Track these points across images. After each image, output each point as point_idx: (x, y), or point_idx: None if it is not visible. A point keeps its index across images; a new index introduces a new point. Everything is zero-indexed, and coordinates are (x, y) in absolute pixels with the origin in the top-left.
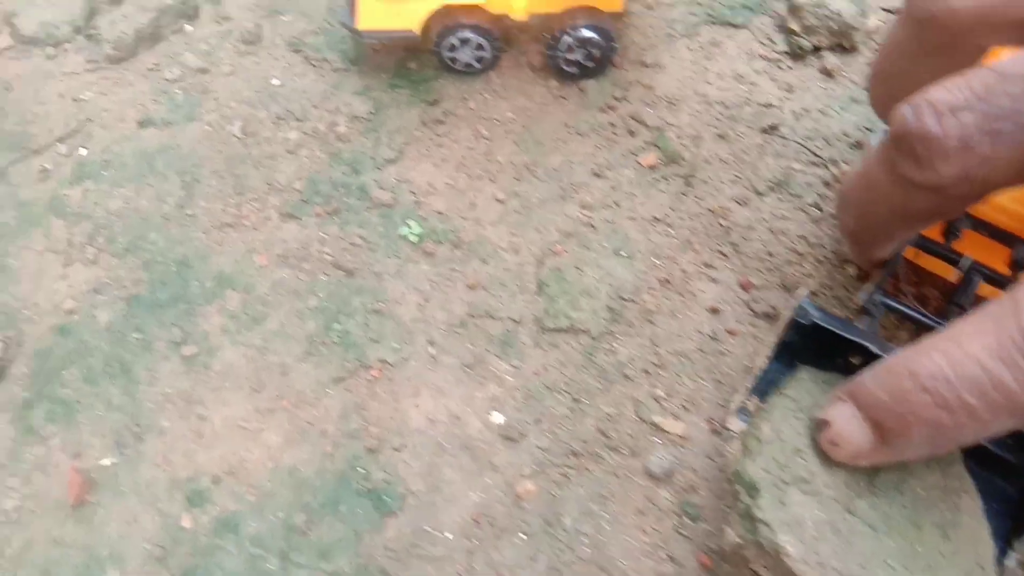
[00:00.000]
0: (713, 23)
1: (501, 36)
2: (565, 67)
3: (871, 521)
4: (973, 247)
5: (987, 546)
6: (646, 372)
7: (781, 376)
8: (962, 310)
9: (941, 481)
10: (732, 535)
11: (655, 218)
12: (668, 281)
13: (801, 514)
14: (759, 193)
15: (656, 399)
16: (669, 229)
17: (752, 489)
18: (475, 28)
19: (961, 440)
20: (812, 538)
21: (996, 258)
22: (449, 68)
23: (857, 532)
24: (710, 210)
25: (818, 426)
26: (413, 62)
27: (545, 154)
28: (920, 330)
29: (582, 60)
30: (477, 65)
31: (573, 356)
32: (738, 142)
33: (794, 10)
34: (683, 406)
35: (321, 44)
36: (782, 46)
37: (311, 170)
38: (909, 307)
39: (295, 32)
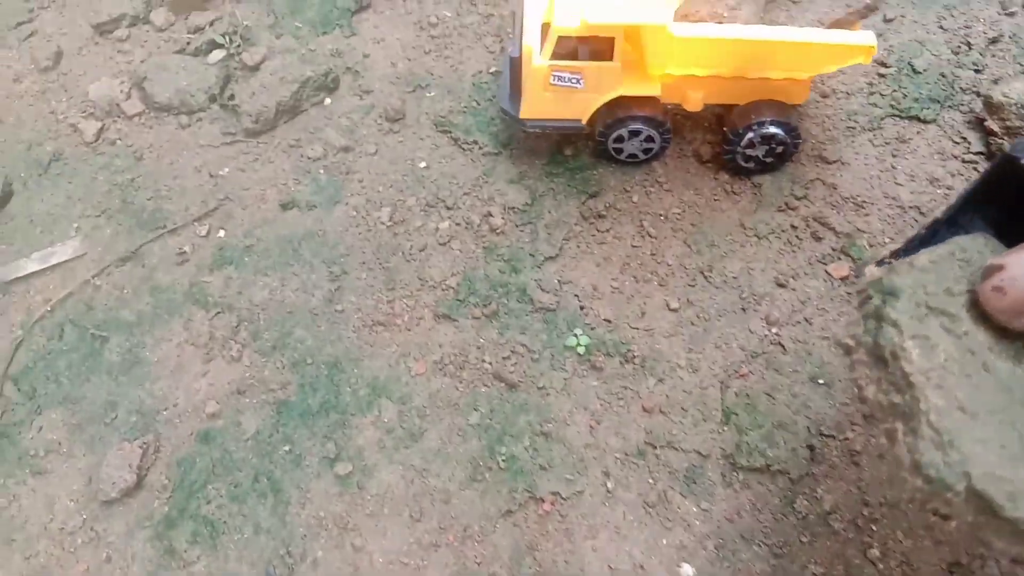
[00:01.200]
0: (897, 116)
1: (672, 125)
2: (743, 163)
3: (1008, 383)
4: None
5: None
6: (856, 525)
7: None
8: None
9: None
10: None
11: None
12: (874, 416)
13: (935, 340)
14: None
15: (871, 560)
16: None
17: (890, 295)
18: (647, 120)
19: None
20: (940, 364)
21: None
22: (610, 157)
23: (988, 385)
24: None
25: (987, 271)
26: (568, 147)
27: (720, 257)
28: None
29: (762, 156)
30: (642, 156)
31: (770, 500)
32: None
33: (993, 108)
34: (902, 569)
35: (469, 125)
36: (977, 146)
37: (466, 265)
38: None
39: (440, 110)
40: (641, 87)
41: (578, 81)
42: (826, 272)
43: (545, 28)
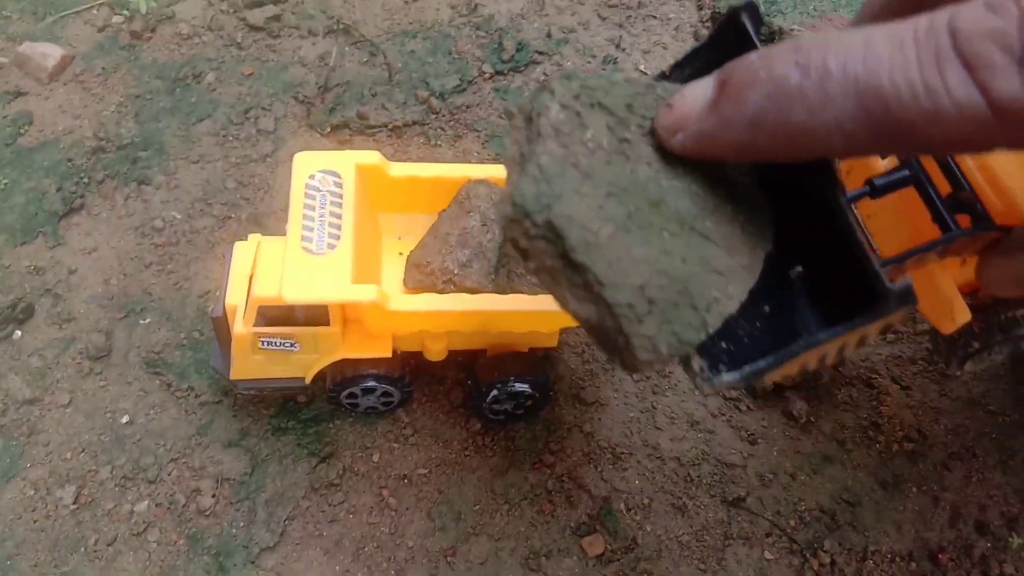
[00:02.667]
0: None
1: (412, 375)
2: (491, 415)
3: (647, 189)
4: None
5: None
6: None
7: None
8: None
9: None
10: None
11: None
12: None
13: (589, 122)
14: None
15: None
16: None
17: (566, 78)
18: (381, 377)
19: (786, 135)
20: (579, 138)
21: None
22: (347, 409)
23: (623, 175)
24: None
25: (669, 98)
26: (303, 393)
27: (466, 536)
28: None
29: (512, 409)
30: (383, 408)
31: None
32: (698, 516)
33: None
34: None
35: (187, 365)
36: None
37: (163, 564)
38: None
39: (155, 343)
40: (368, 349)
41: (293, 345)
42: (580, 548)
43: (252, 282)
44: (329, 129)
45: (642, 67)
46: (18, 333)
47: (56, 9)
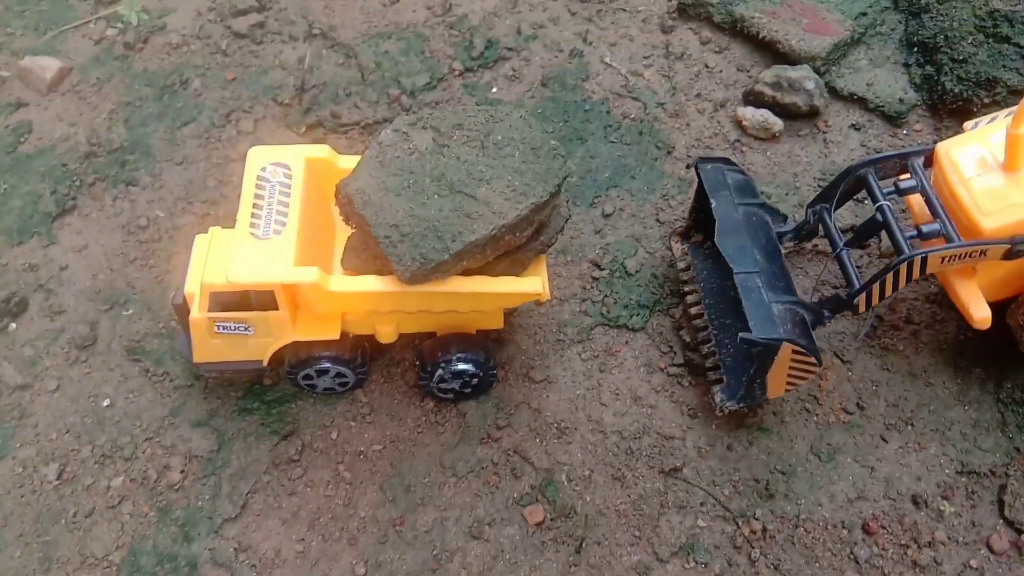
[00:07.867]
0: (607, 325)
1: (366, 357)
2: (440, 394)
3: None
4: None
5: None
6: None
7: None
8: None
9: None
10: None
11: None
12: None
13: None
14: (661, 560)
15: None
16: None
17: None
18: (334, 359)
19: None
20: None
21: None
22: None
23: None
24: None
25: None
26: (268, 376)
27: (415, 507)
28: None
29: (459, 388)
30: (340, 389)
31: None
32: (636, 486)
33: (687, 317)
34: None
35: (163, 352)
36: (681, 356)
37: (134, 534)
38: None
39: (135, 333)
40: (317, 331)
41: (247, 329)
42: (521, 516)
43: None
44: (305, 128)
45: (607, 59)
46: (12, 325)
47: (56, 24)
